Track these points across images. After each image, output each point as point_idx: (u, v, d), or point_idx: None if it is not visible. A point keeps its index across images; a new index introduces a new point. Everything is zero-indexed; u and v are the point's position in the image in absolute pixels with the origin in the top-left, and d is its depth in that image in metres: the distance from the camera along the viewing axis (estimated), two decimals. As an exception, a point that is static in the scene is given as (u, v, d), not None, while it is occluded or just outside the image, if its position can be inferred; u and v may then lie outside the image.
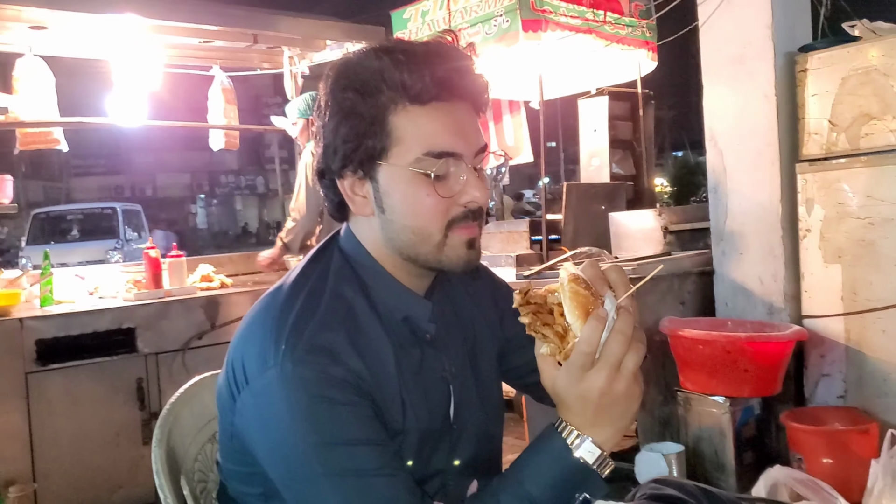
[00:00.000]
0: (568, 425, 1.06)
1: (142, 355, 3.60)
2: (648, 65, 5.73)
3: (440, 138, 1.16)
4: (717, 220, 3.66)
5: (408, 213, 1.18)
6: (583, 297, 1.01)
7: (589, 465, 1.05)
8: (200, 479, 1.36)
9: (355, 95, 1.17)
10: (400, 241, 1.20)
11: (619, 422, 1.06)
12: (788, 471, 3.01)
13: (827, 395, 3.35)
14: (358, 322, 1.17)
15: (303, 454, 1.07)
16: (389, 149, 1.17)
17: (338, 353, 1.11)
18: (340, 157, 1.19)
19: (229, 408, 1.17)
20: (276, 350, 1.10)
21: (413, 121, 1.16)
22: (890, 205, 3.13)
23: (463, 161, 1.18)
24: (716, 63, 3.63)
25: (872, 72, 3.16)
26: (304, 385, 1.08)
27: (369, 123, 1.16)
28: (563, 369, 1.04)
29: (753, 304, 3.55)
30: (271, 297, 1.21)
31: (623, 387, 1.02)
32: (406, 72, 1.15)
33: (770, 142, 3.46)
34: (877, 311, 3.18)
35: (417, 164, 1.15)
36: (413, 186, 1.17)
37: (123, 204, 16.61)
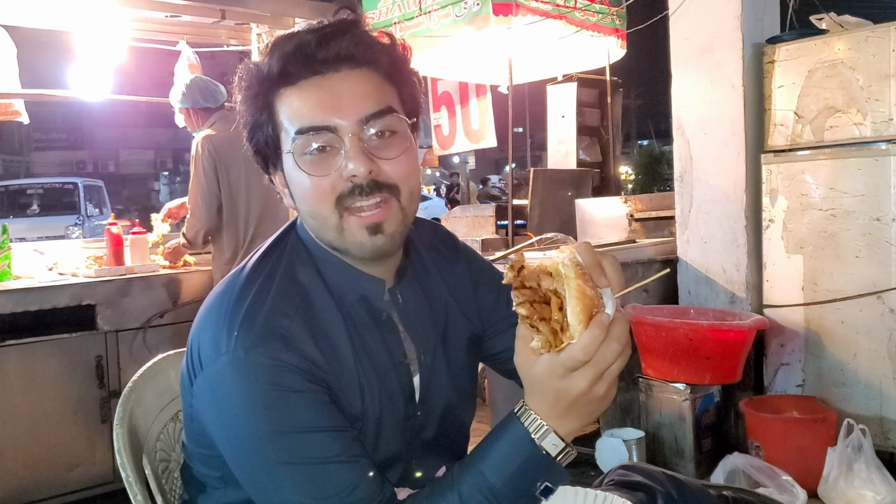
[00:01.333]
0: (532, 414, 1.03)
1: (102, 333, 3.55)
2: (617, 52, 5.75)
3: (308, 113, 1.14)
4: (683, 208, 3.69)
5: (299, 198, 1.17)
6: (588, 299, 0.96)
7: (551, 456, 1.04)
8: (162, 459, 1.34)
9: (247, 91, 1.18)
10: (311, 229, 1.20)
11: (587, 418, 1.05)
12: (746, 458, 3.06)
13: (786, 383, 3.40)
14: (313, 306, 1.16)
15: (257, 442, 1.06)
16: (278, 135, 1.17)
17: (291, 339, 1.09)
18: (261, 158, 1.21)
19: (188, 391, 1.16)
20: (228, 336, 1.08)
21: (287, 103, 1.16)
22: (852, 197, 3.18)
23: (339, 133, 1.13)
24: (684, 52, 3.65)
25: (839, 65, 3.20)
26: (257, 372, 1.06)
27: (265, 119, 1.17)
28: (545, 360, 0.99)
29: (716, 293, 3.59)
30: (229, 281, 1.20)
31: (602, 390, 1.01)
32: (273, 57, 1.15)
33: (736, 132, 3.49)
34: (836, 301, 3.23)
35: (295, 145, 1.14)
36: (296, 170, 1.15)
37: (85, 179, 16.32)
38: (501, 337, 1.40)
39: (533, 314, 0.96)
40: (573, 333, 0.96)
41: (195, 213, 3.80)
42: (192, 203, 3.81)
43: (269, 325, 1.09)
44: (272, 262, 1.20)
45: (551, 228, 4.43)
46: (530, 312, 0.96)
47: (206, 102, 3.91)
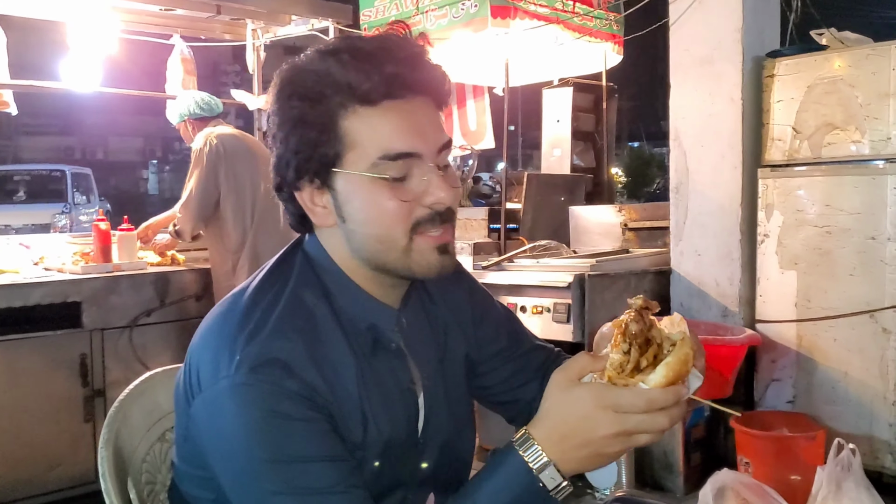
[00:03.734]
0: (534, 443, 1.01)
1: (87, 331, 3.50)
2: (614, 58, 5.72)
3: (396, 139, 1.11)
4: (678, 219, 3.66)
5: (369, 221, 1.13)
6: (685, 371, 0.98)
7: (547, 489, 1.01)
8: (148, 481, 1.30)
9: (302, 103, 1.11)
10: (366, 250, 1.15)
11: (585, 467, 1.02)
12: (736, 475, 3.02)
13: (776, 399, 3.38)
14: (317, 331, 1.12)
15: (253, 470, 1.03)
16: (344, 155, 1.11)
17: (292, 365, 1.06)
18: (294, 168, 1.13)
19: (184, 411, 1.13)
20: (229, 360, 1.05)
21: (365, 123, 1.10)
22: (847, 215, 3.16)
23: (424, 161, 1.12)
24: (684, 63, 3.62)
25: (838, 81, 3.18)
26: (256, 399, 1.03)
27: (320, 131, 1.11)
28: (596, 385, 0.99)
29: (708, 306, 3.57)
30: (232, 301, 1.16)
31: (619, 448, 0.99)
32: (352, 72, 1.09)
33: (733, 145, 3.46)
34: (829, 319, 3.22)
35: (374, 169, 1.10)
36: (372, 192, 1.11)
37: (73, 167, 16.19)
38: (496, 373, 1.38)
39: (639, 336, 0.98)
40: (649, 382, 0.96)
41: (189, 208, 3.82)
42: (189, 196, 3.82)
43: (269, 349, 1.06)
44: (279, 282, 1.17)
45: (543, 234, 4.39)
46: (638, 332, 0.98)
47: (203, 112, 4.00)
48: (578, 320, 3.26)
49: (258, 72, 4.92)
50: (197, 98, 4.05)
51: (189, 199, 3.81)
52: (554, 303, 3.33)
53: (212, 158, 3.76)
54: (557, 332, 3.30)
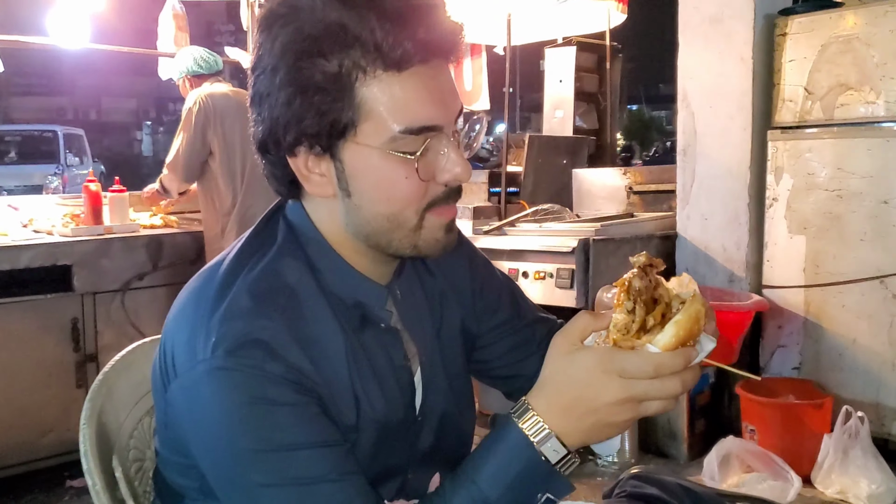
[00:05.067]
0: (533, 414, 0.94)
1: (78, 294, 3.41)
2: (617, 17, 5.59)
3: (420, 110, 0.97)
4: (684, 183, 3.57)
5: (381, 199, 1.01)
6: (696, 329, 0.89)
7: (551, 463, 0.94)
8: (136, 458, 1.21)
9: (313, 61, 0.95)
10: (369, 227, 1.03)
11: (591, 439, 0.95)
12: (741, 442, 3.00)
13: (782, 366, 3.33)
14: (301, 308, 1.02)
15: (238, 462, 0.94)
16: (358, 125, 0.97)
17: (275, 345, 0.96)
18: (294, 132, 0.98)
19: (161, 396, 1.03)
20: (206, 341, 0.95)
21: (387, 91, 0.96)
22: (860, 178, 3.08)
23: (443, 133, 1.00)
24: (693, 22, 3.51)
25: (853, 40, 3.08)
26: (237, 384, 0.93)
27: (333, 96, 0.96)
28: (599, 349, 0.92)
29: (714, 271, 3.49)
30: (208, 275, 1.06)
31: (627, 417, 0.91)
32: (380, 30, 0.94)
33: (743, 106, 3.36)
34: (838, 284, 3.15)
35: (393, 144, 0.97)
36: (388, 169, 0.99)
37: (65, 127, 15.98)
38: (496, 346, 1.29)
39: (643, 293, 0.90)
40: (657, 342, 0.88)
41: (175, 167, 3.80)
42: (175, 156, 3.79)
43: (250, 329, 0.95)
44: (258, 253, 1.05)
45: (545, 197, 4.30)
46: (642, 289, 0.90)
47: (201, 69, 3.93)
48: (582, 286, 3.18)
49: (253, 28, 4.78)
50: (196, 54, 3.98)
51: (175, 158, 3.77)
52: (557, 268, 3.26)
53: (200, 119, 3.71)
54: (560, 297, 3.22)
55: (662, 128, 28.34)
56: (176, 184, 3.86)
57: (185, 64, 3.95)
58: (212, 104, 3.73)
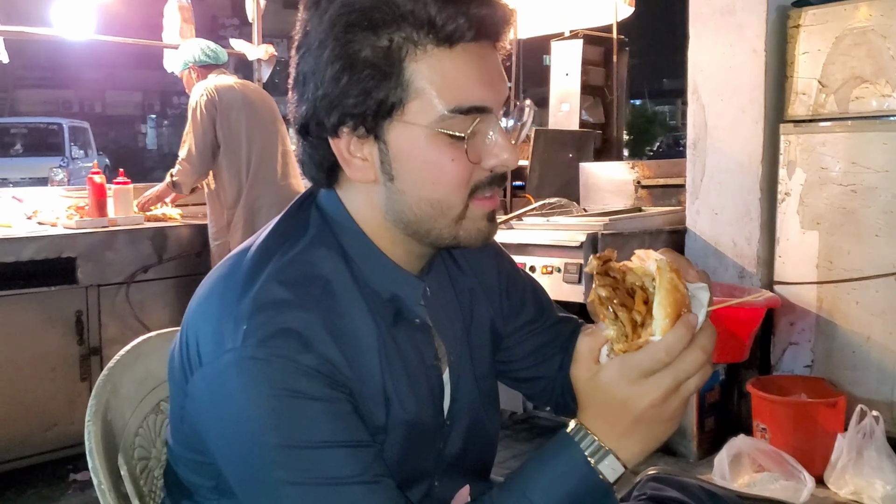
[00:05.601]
0: (588, 433, 0.91)
1: (82, 287, 3.38)
2: (625, 9, 5.55)
3: (471, 89, 0.94)
4: (694, 177, 3.52)
5: (426, 183, 0.96)
6: (680, 295, 0.85)
7: (608, 482, 0.90)
8: (141, 457, 1.18)
9: (364, 35, 0.92)
10: (412, 214, 0.99)
11: (650, 443, 0.90)
12: (752, 441, 2.96)
13: (793, 363, 3.28)
14: (336, 300, 0.97)
15: (263, 457, 0.90)
16: (406, 103, 0.93)
17: (309, 337, 0.91)
18: (339, 112, 0.94)
19: (181, 388, 0.99)
20: (235, 329, 0.91)
21: (437, 68, 0.93)
22: (874, 173, 3.03)
23: (491, 115, 0.96)
24: (704, 13, 3.46)
25: (868, 32, 3.03)
26: (267, 375, 0.89)
27: (382, 72, 0.92)
28: (615, 364, 0.88)
29: (725, 267, 3.45)
30: (235, 261, 1.01)
31: (674, 407, 0.87)
32: (433, 4, 0.90)
33: (755, 99, 3.32)
34: (852, 281, 3.10)
35: (442, 123, 0.93)
36: (436, 150, 0.94)
37: (70, 120, 15.98)
38: (521, 346, 1.25)
39: (614, 297, 0.86)
40: (655, 330, 0.85)
41: (190, 160, 3.74)
42: (189, 150, 3.74)
43: (283, 318, 0.91)
44: (289, 241, 1.01)
45: (550, 191, 4.27)
46: (611, 294, 0.86)
47: (208, 60, 3.91)
48: (590, 281, 3.14)
49: (258, 21, 4.74)
50: (202, 45, 3.96)
51: (190, 152, 3.72)
52: (565, 263, 3.22)
53: (211, 110, 3.69)
54: (568, 292, 3.19)
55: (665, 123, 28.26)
56: (191, 178, 3.79)
57: (192, 53, 3.92)
58: (218, 96, 3.71)
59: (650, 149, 23.54)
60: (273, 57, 4.64)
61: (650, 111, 27.36)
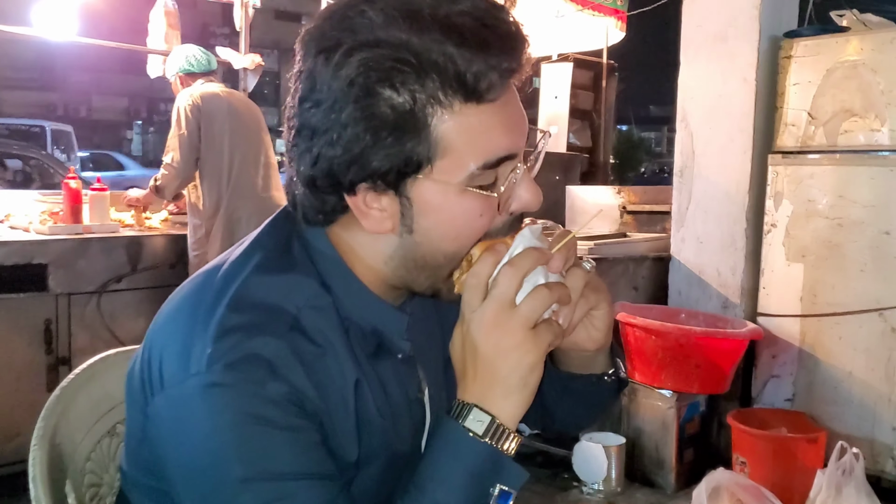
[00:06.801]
0: (459, 401, 0.90)
1: (52, 295, 3.30)
2: (616, 34, 5.54)
3: (499, 141, 0.89)
4: (680, 204, 3.49)
5: (449, 237, 0.92)
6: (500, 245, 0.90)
7: (479, 437, 0.87)
8: (92, 483, 1.11)
9: (387, 95, 0.85)
10: (422, 262, 0.94)
11: (508, 381, 0.87)
12: (732, 475, 2.89)
13: (774, 396, 3.25)
14: (309, 328, 0.92)
15: (225, 488, 0.84)
16: (433, 162, 0.88)
17: (278, 364, 0.86)
18: (358, 171, 0.88)
19: (140, 409, 0.92)
20: (201, 351, 0.85)
21: (465, 125, 0.87)
22: (861, 207, 3.00)
23: (516, 159, 0.91)
24: (696, 39, 3.44)
25: (859, 66, 3.01)
26: (234, 401, 0.84)
27: (407, 134, 0.86)
28: (458, 324, 0.91)
29: (708, 296, 3.41)
30: (206, 277, 0.95)
31: (512, 331, 0.86)
32: (461, 59, 0.84)
33: (744, 128, 3.29)
34: (836, 315, 3.07)
35: (471, 181, 0.88)
36: (465, 207, 0.90)
37: (53, 123, 15.81)
38: None
39: None
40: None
41: (175, 166, 3.68)
42: (174, 156, 3.69)
43: (251, 344, 0.86)
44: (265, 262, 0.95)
45: (536, 214, 4.21)
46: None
47: (192, 68, 3.87)
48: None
49: (245, 30, 4.69)
50: (189, 53, 3.91)
51: (174, 157, 3.68)
52: (548, 286, 3.16)
53: (195, 115, 3.64)
54: (551, 316, 3.13)
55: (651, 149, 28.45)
56: (175, 183, 3.74)
57: (178, 63, 3.88)
58: (201, 103, 3.66)
59: (635, 174, 23.67)
60: (260, 67, 4.58)
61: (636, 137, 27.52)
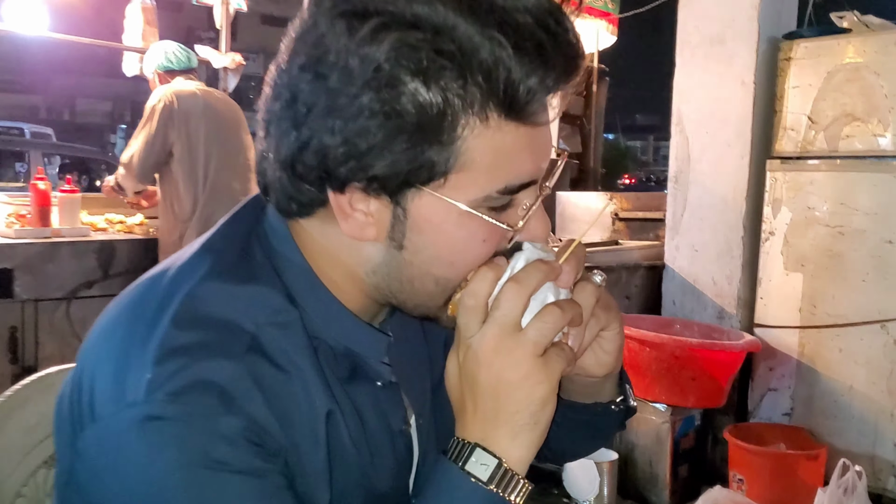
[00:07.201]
0: (459, 440, 0.76)
1: (18, 301, 3.15)
2: (607, 38, 5.44)
3: (525, 165, 0.75)
4: (675, 211, 3.38)
5: (444, 262, 0.78)
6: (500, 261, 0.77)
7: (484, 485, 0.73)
8: (24, 521, 0.97)
9: (414, 85, 0.69)
10: (408, 286, 0.80)
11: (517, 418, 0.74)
12: (729, 493, 2.77)
13: (772, 410, 3.13)
14: (272, 349, 0.77)
15: None
16: (448, 174, 0.73)
17: (234, 393, 0.71)
18: (356, 169, 0.73)
19: (68, 443, 0.77)
20: (138, 377, 0.71)
21: (499, 143, 0.73)
22: (863, 215, 2.90)
23: (538, 185, 0.79)
24: (692, 41, 3.33)
25: (862, 69, 2.91)
26: (178, 440, 0.69)
27: (427, 139, 0.71)
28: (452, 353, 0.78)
29: (703, 306, 3.30)
30: (149, 284, 0.81)
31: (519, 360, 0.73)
32: (518, 68, 0.69)
33: (742, 133, 3.19)
34: (836, 327, 2.96)
35: (485, 203, 0.75)
36: (468, 229, 0.76)
37: (33, 126, 15.61)
38: None
39: None
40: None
41: (129, 166, 3.57)
42: (131, 155, 3.56)
43: (201, 367, 0.71)
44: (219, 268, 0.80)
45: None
46: None
47: (171, 65, 3.73)
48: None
49: (226, 28, 4.55)
50: (168, 49, 3.77)
51: (132, 157, 3.55)
52: (538, 295, 3.04)
53: (164, 117, 3.49)
54: (540, 327, 3.01)
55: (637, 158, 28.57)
56: (131, 182, 3.62)
57: (157, 59, 3.75)
58: (177, 102, 3.52)
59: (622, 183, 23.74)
60: (241, 66, 4.44)
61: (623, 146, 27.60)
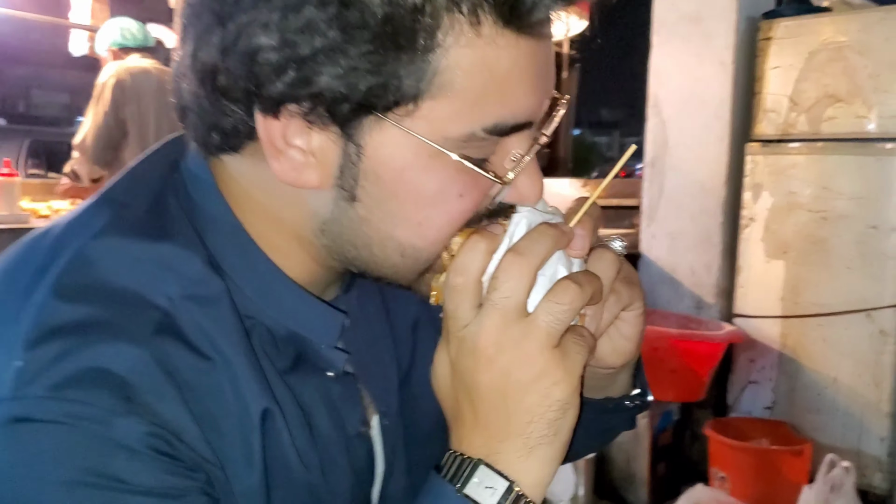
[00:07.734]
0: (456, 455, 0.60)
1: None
2: (577, 24, 5.30)
3: (524, 96, 0.59)
4: (651, 198, 3.26)
5: (410, 221, 0.61)
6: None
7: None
8: None
9: None
10: (366, 252, 0.63)
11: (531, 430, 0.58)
12: (712, 492, 2.67)
13: (752, 404, 3.03)
14: (190, 331, 0.60)
15: None
16: (421, 100, 0.56)
17: (138, 387, 0.55)
18: (298, 84, 0.56)
19: None
20: (5, 364, 0.54)
21: (492, 60, 0.57)
22: (847, 199, 2.79)
23: (535, 131, 0.63)
24: (669, 20, 3.21)
25: (845, 48, 2.80)
26: (63, 447, 0.53)
27: (396, 45, 0.55)
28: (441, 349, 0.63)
29: (680, 296, 3.18)
30: (29, 247, 0.64)
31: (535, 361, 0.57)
32: None
33: (720, 116, 3.07)
34: (820, 316, 2.86)
35: (466, 144, 0.59)
36: (440, 178, 0.59)
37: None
38: None
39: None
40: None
41: (83, 148, 3.41)
42: (84, 136, 3.39)
43: (91, 352, 0.55)
44: (119, 225, 0.62)
45: (496, 209, 3.99)
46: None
47: (125, 42, 3.55)
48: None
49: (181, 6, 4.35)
50: (123, 26, 3.59)
51: (84, 139, 3.38)
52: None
53: (116, 94, 3.34)
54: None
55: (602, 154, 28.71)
56: (87, 167, 3.43)
57: (111, 36, 3.57)
58: (129, 79, 3.35)
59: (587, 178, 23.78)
60: (197, 48, 4.24)
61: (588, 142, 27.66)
